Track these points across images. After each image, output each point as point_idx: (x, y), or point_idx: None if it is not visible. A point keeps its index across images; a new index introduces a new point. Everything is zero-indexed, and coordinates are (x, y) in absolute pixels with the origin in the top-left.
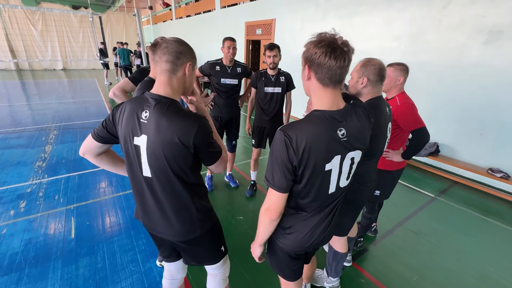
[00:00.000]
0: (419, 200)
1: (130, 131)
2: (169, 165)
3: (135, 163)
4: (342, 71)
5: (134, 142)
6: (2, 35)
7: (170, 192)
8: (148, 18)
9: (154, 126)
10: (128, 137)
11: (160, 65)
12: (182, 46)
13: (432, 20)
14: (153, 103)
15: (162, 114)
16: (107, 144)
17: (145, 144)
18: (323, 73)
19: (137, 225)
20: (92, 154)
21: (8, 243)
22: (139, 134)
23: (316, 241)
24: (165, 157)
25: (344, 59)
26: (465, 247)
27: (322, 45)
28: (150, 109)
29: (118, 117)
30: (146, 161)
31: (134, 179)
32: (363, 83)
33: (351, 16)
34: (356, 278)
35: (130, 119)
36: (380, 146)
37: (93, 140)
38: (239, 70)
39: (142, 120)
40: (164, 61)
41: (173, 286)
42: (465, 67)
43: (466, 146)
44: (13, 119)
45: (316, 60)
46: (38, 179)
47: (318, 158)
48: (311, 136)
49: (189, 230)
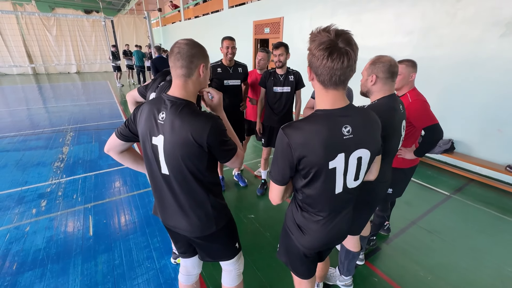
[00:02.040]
0: (434, 198)
1: (148, 131)
2: (185, 164)
3: (153, 161)
4: (343, 72)
5: (153, 141)
6: (20, 41)
7: (186, 190)
8: (157, 20)
9: (169, 126)
10: (147, 136)
11: (175, 71)
12: (194, 49)
13: (446, 14)
14: (169, 104)
15: (177, 115)
16: (129, 142)
17: (162, 144)
18: (323, 75)
19: (152, 223)
20: (116, 152)
21: (31, 240)
22: (157, 134)
23: (329, 242)
24: (180, 156)
25: (343, 60)
26: (482, 246)
27: (321, 48)
28: (166, 111)
29: (138, 117)
30: (163, 160)
31: (152, 176)
32: (372, 80)
33: (361, 13)
34: (369, 277)
35: (148, 119)
36: (395, 145)
37: (116, 138)
38: (240, 70)
39: (159, 121)
40: (178, 67)
41: (189, 281)
42: (481, 61)
43: (483, 143)
44: (32, 122)
45: (315, 62)
46: (57, 179)
47: (318, 156)
48: (309, 134)
49: (205, 226)
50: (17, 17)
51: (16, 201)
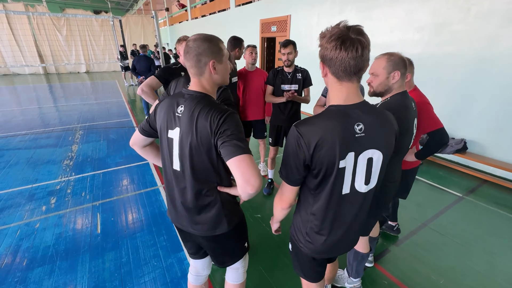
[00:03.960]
0: (445, 199)
1: (166, 124)
2: (198, 157)
3: (167, 157)
4: (357, 62)
5: (168, 135)
6: (31, 41)
7: (198, 186)
8: (165, 19)
9: (186, 118)
10: (164, 130)
11: (188, 70)
12: (202, 46)
13: (459, 9)
14: (187, 97)
15: (193, 106)
16: (151, 138)
17: (178, 137)
18: (336, 67)
19: (158, 221)
20: (139, 146)
21: (41, 236)
22: (173, 127)
23: (336, 252)
24: (194, 149)
25: (356, 47)
26: (496, 249)
27: (332, 39)
28: (185, 103)
29: (158, 112)
30: (177, 154)
31: (166, 173)
32: (395, 77)
33: (370, 9)
34: (378, 280)
35: (167, 113)
36: (406, 143)
37: (139, 133)
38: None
39: (177, 114)
40: (189, 67)
41: (198, 282)
42: (496, 58)
43: (497, 143)
44: (43, 120)
45: (328, 55)
46: (66, 176)
47: (331, 154)
48: (324, 131)
49: (217, 225)
50: (29, 17)
51: (27, 198)
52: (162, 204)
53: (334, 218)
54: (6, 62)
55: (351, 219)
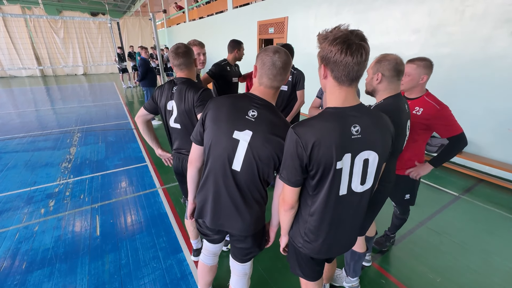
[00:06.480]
0: (442, 199)
1: (232, 125)
2: (263, 161)
3: (224, 157)
4: (360, 67)
5: (234, 135)
6: (28, 44)
7: (252, 188)
8: (162, 21)
9: (262, 124)
10: (227, 130)
11: (260, 78)
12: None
13: (454, 11)
14: (259, 104)
15: (269, 114)
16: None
17: (248, 140)
18: (340, 71)
19: (157, 223)
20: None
21: (40, 239)
22: (243, 129)
23: (334, 253)
24: (262, 153)
25: (361, 54)
26: (492, 248)
27: (337, 42)
28: (258, 110)
29: (214, 111)
30: (242, 155)
31: (214, 173)
32: (378, 79)
33: (367, 11)
34: (376, 279)
35: (234, 114)
36: (400, 145)
37: (197, 140)
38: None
39: (248, 117)
40: (280, 81)
41: (213, 262)
42: (491, 59)
43: (493, 142)
44: (40, 123)
45: (332, 58)
46: (64, 179)
47: (328, 155)
48: (321, 132)
49: (257, 224)
50: (26, 20)
51: (25, 201)
52: (161, 205)
53: (332, 219)
54: (3, 65)
55: (349, 219)
